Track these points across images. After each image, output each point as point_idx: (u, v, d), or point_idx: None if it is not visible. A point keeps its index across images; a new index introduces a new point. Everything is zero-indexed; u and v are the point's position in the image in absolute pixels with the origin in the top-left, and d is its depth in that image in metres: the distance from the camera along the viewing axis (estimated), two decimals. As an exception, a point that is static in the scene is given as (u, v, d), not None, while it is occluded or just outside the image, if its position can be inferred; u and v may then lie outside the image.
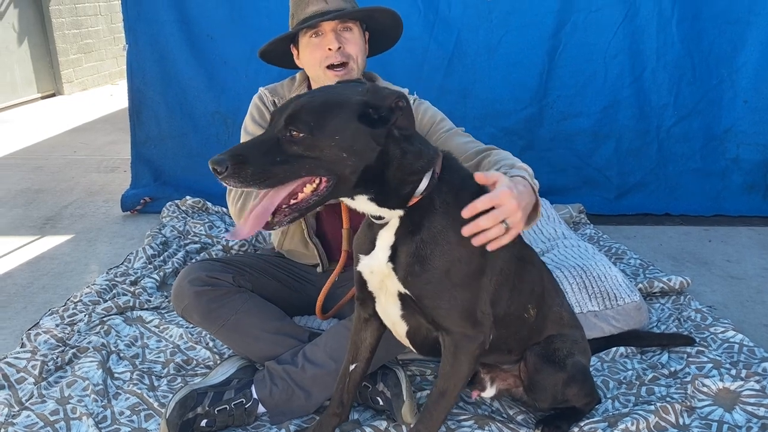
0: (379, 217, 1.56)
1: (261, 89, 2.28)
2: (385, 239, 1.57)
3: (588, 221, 3.55)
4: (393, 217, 1.54)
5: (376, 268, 1.59)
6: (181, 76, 3.90)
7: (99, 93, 8.47)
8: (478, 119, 3.72)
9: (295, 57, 2.23)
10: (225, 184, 1.38)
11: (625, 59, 3.61)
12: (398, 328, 1.70)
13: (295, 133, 1.38)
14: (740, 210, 3.71)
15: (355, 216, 1.91)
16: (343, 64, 2.09)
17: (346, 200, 1.54)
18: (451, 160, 1.62)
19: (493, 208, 1.46)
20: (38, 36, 7.96)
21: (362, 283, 1.67)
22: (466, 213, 1.46)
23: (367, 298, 1.70)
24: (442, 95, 3.62)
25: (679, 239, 3.46)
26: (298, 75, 2.29)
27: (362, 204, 1.52)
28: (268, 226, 1.44)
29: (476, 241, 1.48)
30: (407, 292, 1.56)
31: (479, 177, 1.51)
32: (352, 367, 1.82)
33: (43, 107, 7.57)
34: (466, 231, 1.48)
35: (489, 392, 1.91)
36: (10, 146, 5.62)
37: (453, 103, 3.63)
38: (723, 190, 3.72)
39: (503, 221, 1.47)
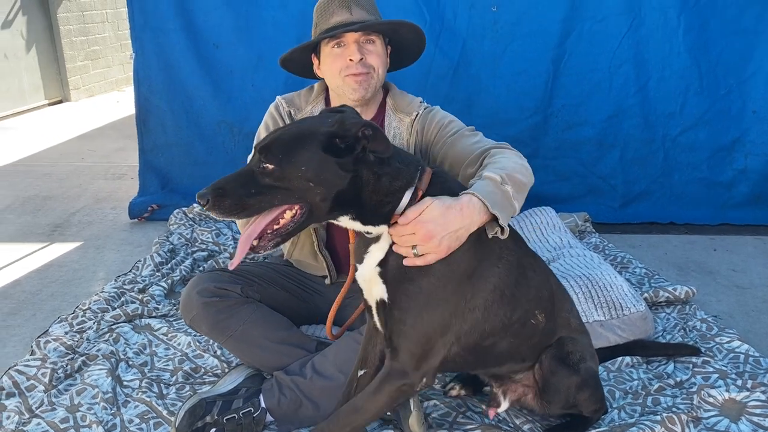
0: (368, 232, 1.62)
1: (278, 98, 2.29)
2: (376, 249, 1.62)
3: (593, 230, 3.55)
4: (381, 231, 1.60)
5: (367, 275, 1.64)
6: (187, 85, 3.93)
7: (106, 99, 8.52)
8: (483, 128, 3.64)
9: (315, 66, 2.23)
10: (211, 213, 1.49)
11: (630, 68, 3.62)
12: None
13: (266, 165, 1.48)
14: (746, 219, 3.71)
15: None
16: (364, 73, 2.10)
17: (333, 221, 1.60)
18: (440, 176, 1.66)
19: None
20: (46, 43, 8.02)
21: (361, 290, 1.73)
22: (395, 233, 1.57)
23: (368, 304, 1.74)
24: (447, 104, 3.57)
25: (684, 248, 3.46)
26: (316, 86, 2.29)
27: (347, 223, 1.59)
28: (254, 249, 1.54)
29: (396, 249, 1.58)
30: (384, 299, 1.61)
31: (403, 220, 1.55)
32: (360, 372, 1.85)
33: (50, 114, 7.62)
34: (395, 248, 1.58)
35: (504, 406, 1.92)
36: (18, 153, 5.66)
37: (458, 112, 3.57)
38: (729, 199, 3.73)
39: (414, 247, 1.54)
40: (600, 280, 2.52)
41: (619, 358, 2.33)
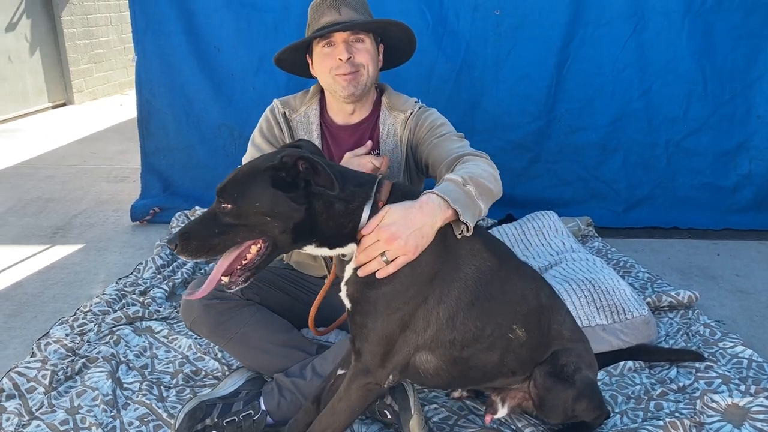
0: (343, 255, 1.65)
1: (275, 101, 2.30)
2: (351, 266, 1.65)
3: (596, 234, 3.54)
4: (352, 251, 1.63)
5: (342, 290, 1.68)
6: (188, 88, 3.93)
7: (109, 103, 8.54)
8: (486, 132, 3.73)
9: (310, 66, 2.26)
10: (181, 257, 1.56)
11: (634, 72, 3.61)
12: None
13: (225, 205, 1.54)
14: (749, 224, 3.69)
15: None
16: (352, 72, 2.12)
17: (300, 250, 1.65)
18: (401, 187, 1.69)
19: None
20: (50, 46, 8.04)
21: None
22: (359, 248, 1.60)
23: None
24: (450, 107, 3.59)
25: (688, 253, 3.45)
26: (312, 88, 2.31)
27: (315, 251, 1.63)
28: (227, 285, 1.60)
29: (360, 273, 1.60)
30: (348, 307, 1.66)
31: (366, 230, 1.58)
32: (340, 371, 1.87)
33: (53, 117, 7.64)
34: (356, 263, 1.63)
35: (501, 413, 1.91)
36: (21, 155, 5.67)
37: (461, 115, 3.64)
38: (732, 204, 3.71)
39: (382, 254, 1.56)
40: (602, 284, 2.50)
41: (622, 363, 2.32)
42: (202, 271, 3.16)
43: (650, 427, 1.91)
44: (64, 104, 8.25)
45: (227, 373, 2.28)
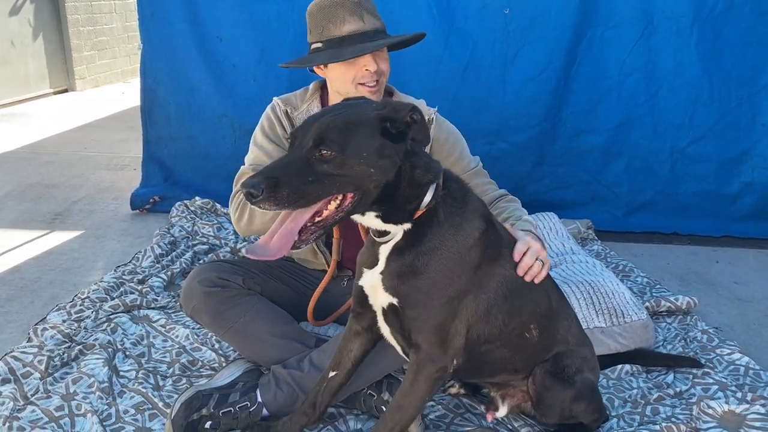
0: (383, 233, 1.59)
1: (275, 99, 2.27)
2: (386, 253, 1.61)
3: (596, 237, 3.54)
4: (399, 231, 1.58)
5: (372, 281, 1.63)
6: (191, 78, 3.90)
7: (111, 90, 8.51)
8: (491, 134, 3.70)
9: (316, 67, 2.20)
10: (259, 208, 1.39)
11: (641, 77, 3.59)
12: (393, 344, 1.74)
13: (325, 152, 1.41)
14: (749, 233, 3.68)
15: (353, 229, 1.96)
16: (376, 82, 2.10)
17: (355, 217, 1.57)
18: (451, 174, 1.67)
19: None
20: (53, 32, 8.01)
21: (362, 297, 1.70)
22: (516, 257, 1.72)
23: (365, 312, 1.73)
24: (455, 108, 3.60)
25: (687, 259, 3.45)
26: (311, 86, 2.28)
27: (370, 220, 1.56)
28: (294, 245, 1.46)
29: (527, 278, 1.71)
30: (393, 303, 1.59)
31: (517, 255, 1.73)
32: (332, 374, 1.84)
33: (55, 102, 7.61)
34: (520, 271, 1.70)
35: (502, 411, 1.92)
36: (21, 140, 5.65)
37: (466, 116, 3.62)
38: (733, 212, 3.69)
39: (538, 258, 1.73)
40: (602, 287, 2.50)
41: (619, 366, 2.32)
42: (202, 261, 3.15)
43: (646, 431, 1.91)
44: (65, 90, 8.23)
45: (224, 364, 2.28)
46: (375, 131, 1.45)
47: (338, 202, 1.47)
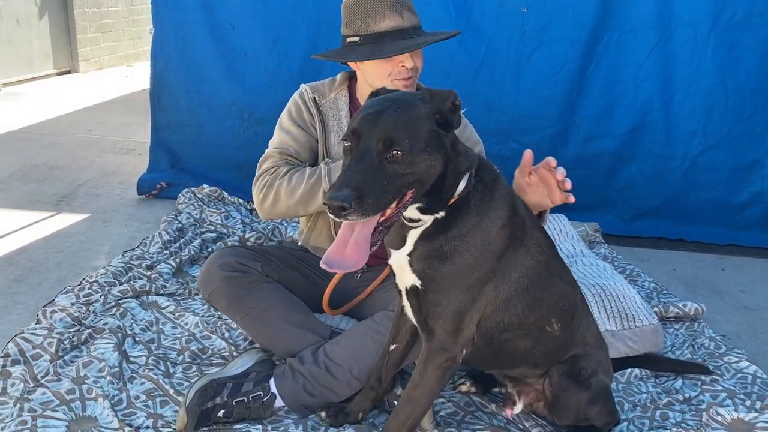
0: (414, 220, 1.59)
1: (302, 86, 2.27)
2: (414, 236, 1.61)
3: (603, 241, 3.54)
4: (430, 219, 1.58)
5: (400, 261, 1.64)
6: (201, 65, 3.88)
7: (114, 73, 8.47)
8: (502, 134, 3.69)
9: (352, 61, 2.18)
10: (346, 221, 1.37)
11: (656, 83, 3.58)
12: (414, 323, 1.74)
13: (396, 153, 1.39)
14: (754, 241, 3.70)
15: None
16: (412, 77, 2.12)
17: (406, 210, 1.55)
18: (484, 160, 1.68)
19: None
20: (58, 12, 7.96)
21: (394, 274, 1.72)
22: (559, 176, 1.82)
23: (398, 287, 1.74)
24: (467, 105, 3.57)
25: (693, 266, 3.46)
26: (339, 76, 2.28)
27: (410, 212, 1.56)
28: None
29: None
30: (416, 285, 1.60)
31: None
32: (392, 347, 1.88)
33: (58, 83, 7.57)
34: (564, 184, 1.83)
35: (518, 407, 1.93)
36: (24, 120, 5.62)
37: (478, 114, 3.56)
38: (740, 220, 3.70)
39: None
40: (613, 291, 2.51)
41: (628, 370, 2.32)
42: (210, 249, 3.14)
43: (657, 435, 1.92)
44: (68, 72, 8.18)
45: (234, 353, 2.27)
46: (432, 124, 1.45)
47: (398, 199, 1.45)
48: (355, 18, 2.10)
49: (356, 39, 2.10)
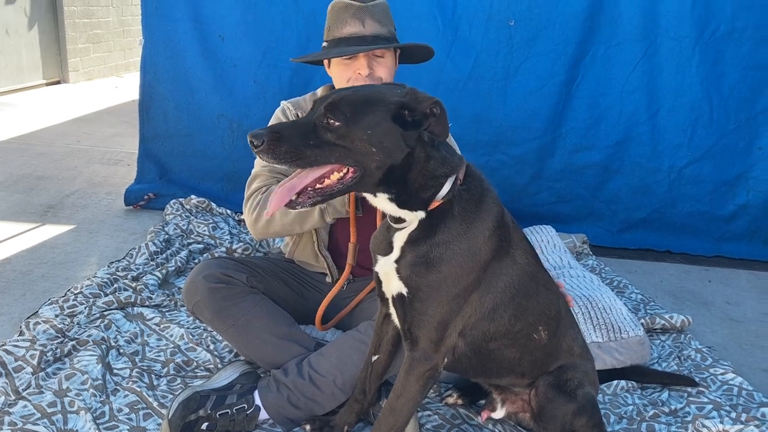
0: (399, 220, 1.61)
1: (283, 102, 2.30)
2: (400, 241, 1.62)
3: (590, 252, 3.56)
4: (414, 219, 1.60)
5: (386, 268, 1.65)
6: (191, 76, 3.88)
7: (104, 84, 8.44)
8: (489, 145, 3.71)
9: (326, 65, 2.26)
10: (259, 158, 1.48)
11: (642, 96, 3.61)
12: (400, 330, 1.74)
13: (331, 120, 1.47)
14: (740, 253, 3.72)
15: (363, 231, 2.05)
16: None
17: (368, 197, 1.61)
18: (473, 170, 1.68)
19: None
20: (48, 23, 7.94)
21: (379, 282, 1.73)
22: None
23: (384, 296, 1.75)
24: (454, 118, 3.51)
25: (680, 277, 3.47)
26: (319, 89, 2.31)
27: (383, 203, 1.59)
28: (291, 204, 1.52)
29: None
30: (402, 293, 1.61)
31: None
32: (374, 358, 1.88)
33: (47, 94, 7.54)
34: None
35: (499, 413, 1.94)
36: (13, 130, 5.58)
37: (465, 127, 3.62)
38: (726, 233, 3.72)
39: None
40: (600, 302, 2.52)
41: (615, 382, 2.33)
42: (197, 260, 3.12)
43: (643, 448, 1.92)
44: (58, 82, 8.15)
45: (219, 365, 2.26)
46: (387, 114, 1.49)
47: (341, 174, 1.51)
48: (327, 25, 2.19)
49: (325, 44, 2.20)
